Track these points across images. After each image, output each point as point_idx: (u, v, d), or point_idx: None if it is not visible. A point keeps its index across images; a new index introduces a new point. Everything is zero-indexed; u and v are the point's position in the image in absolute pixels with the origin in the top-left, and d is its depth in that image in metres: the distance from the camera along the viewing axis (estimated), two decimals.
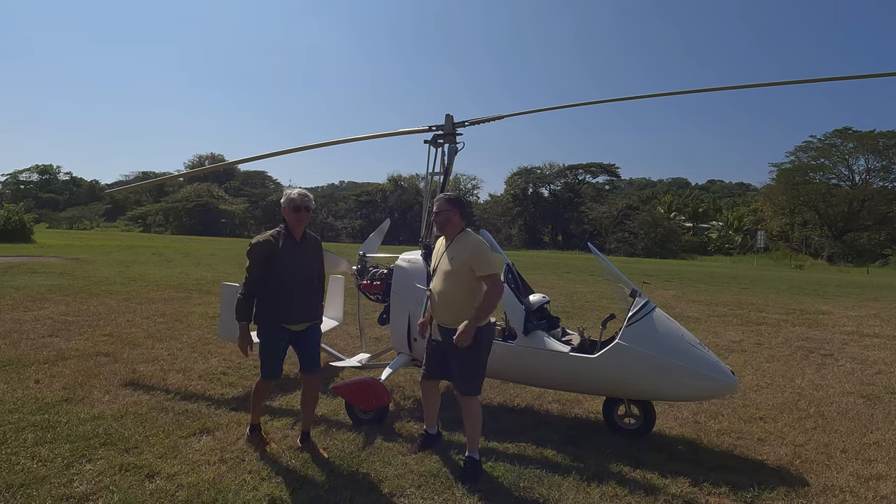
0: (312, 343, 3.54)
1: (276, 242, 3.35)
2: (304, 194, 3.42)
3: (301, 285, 3.40)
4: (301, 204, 3.39)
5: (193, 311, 8.52)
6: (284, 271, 3.33)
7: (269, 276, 3.33)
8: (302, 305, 3.43)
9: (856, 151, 48.74)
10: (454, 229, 3.39)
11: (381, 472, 3.27)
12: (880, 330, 9.51)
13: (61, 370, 5.03)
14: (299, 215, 3.39)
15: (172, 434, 3.68)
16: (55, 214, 70.72)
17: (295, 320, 3.43)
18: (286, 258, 3.34)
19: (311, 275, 3.47)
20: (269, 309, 3.37)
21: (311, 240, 3.55)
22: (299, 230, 3.44)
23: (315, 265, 3.53)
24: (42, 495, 2.81)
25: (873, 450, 3.97)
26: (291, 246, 3.39)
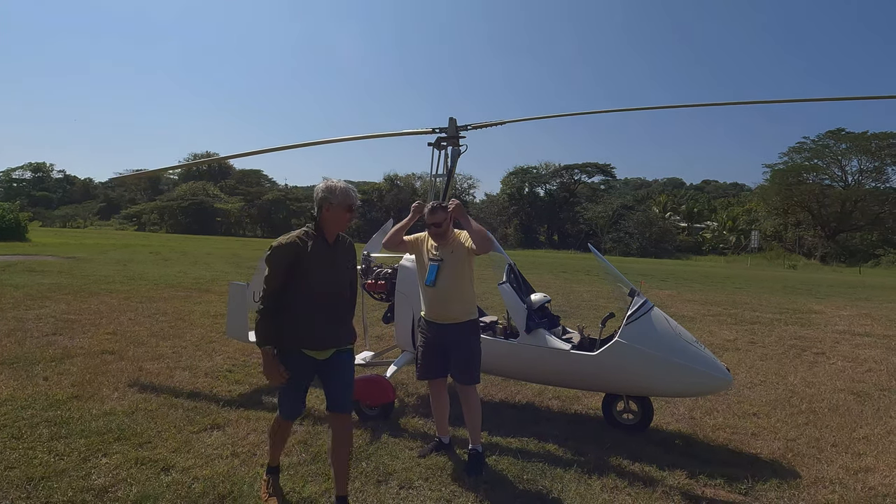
0: (343, 373, 2.85)
1: (303, 245, 2.73)
2: (353, 189, 2.86)
3: (331, 300, 2.78)
4: (354, 202, 2.82)
5: (195, 310, 8.58)
6: (312, 282, 2.71)
7: (292, 288, 2.71)
8: (330, 326, 2.77)
9: (849, 153, 49.27)
10: (449, 234, 3.53)
11: (389, 466, 3.37)
12: (871, 329, 9.70)
13: (68, 368, 5.10)
14: (349, 216, 2.84)
15: (184, 429, 3.77)
16: (48, 213, 70.24)
17: (321, 345, 2.78)
18: (315, 265, 2.72)
19: (342, 286, 2.86)
20: (290, 331, 2.73)
21: (344, 243, 2.92)
22: (335, 233, 2.87)
23: (348, 275, 2.90)
24: (63, 487, 2.89)
25: (862, 444, 4.12)
26: (322, 250, 2.77)
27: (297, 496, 2.96)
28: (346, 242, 2.95)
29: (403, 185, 63.25)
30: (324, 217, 2.80)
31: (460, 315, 3.45)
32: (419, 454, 3.55)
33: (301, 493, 3.00)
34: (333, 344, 2.81)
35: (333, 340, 2.81)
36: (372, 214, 60.62)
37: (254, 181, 73.72)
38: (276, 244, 2.75)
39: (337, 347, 2.83)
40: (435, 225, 3.46)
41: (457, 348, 3.45)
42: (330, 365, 2.83)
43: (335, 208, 2.79)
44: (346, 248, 2.94)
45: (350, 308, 2.96)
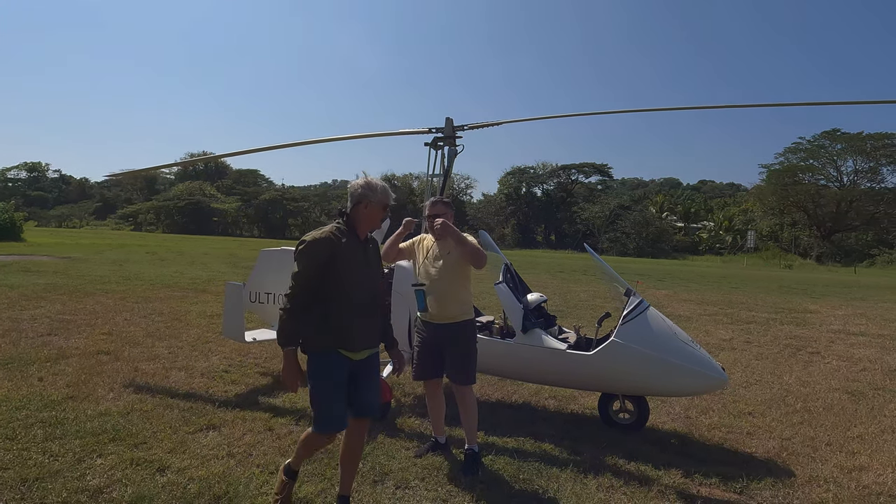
0: (376, 376, 2.82)
1: (337, 242, 2.62)
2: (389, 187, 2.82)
3: (367, 298, 2.70)
4: (390, 201, 2.79)
5: (191, 310, 8.56)
6: (349, 279, 2.62)
7: (327, 286, 2.61)
8: (366, 325, 2.71)
9: (844, 153, 49.52)
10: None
11: (386, 466, 3.37)
12: (866, 328, 9.75)
13: (63, 368, 5.08)
14: (383, 214, 2.79)
15: (179, 430, 3.76)
16: (44, 213, 69.94)
17: (359, 345, 2.68)
18: (351, 263, 2.63)
19: (376, 284, 2.80)
20: (326, 331, 2.61)
21: (373, 242, 2.87)
22: (367, 231, 2.78)
23: (379, 273, 2.87)
24: (57, 488, 2.88)
25: (856, 443, 4.14)
26: (355, 247, 2.69)
27: (293, 497, 2.95)
28: (374, 241, 2.87)
29: (401, 185, 63.21)
30: (359, 214, 2.71)
31: (457, 315, 3.46)
32: (415, 454, 3.55)
33: (297, 493, 2.99)
34: (369, 344, 2.75)
35: (370, 340, 2.75)
36: None
37: (251, 181, 73.60)
38: (309, 239, 2.61)
39: (371, 348, 2.76)
40: (435, 216, 3.45)
41: (453, 348, 3.45)
42: (363, 366, 2.73)
43: (373, 206, 2.71)
44: (375, 246, 2.86)
45: (379, 308, 2.84)
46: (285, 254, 5.42)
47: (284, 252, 5.44)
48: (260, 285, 5.42)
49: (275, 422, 4.00)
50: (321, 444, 2.79)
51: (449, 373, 3.51)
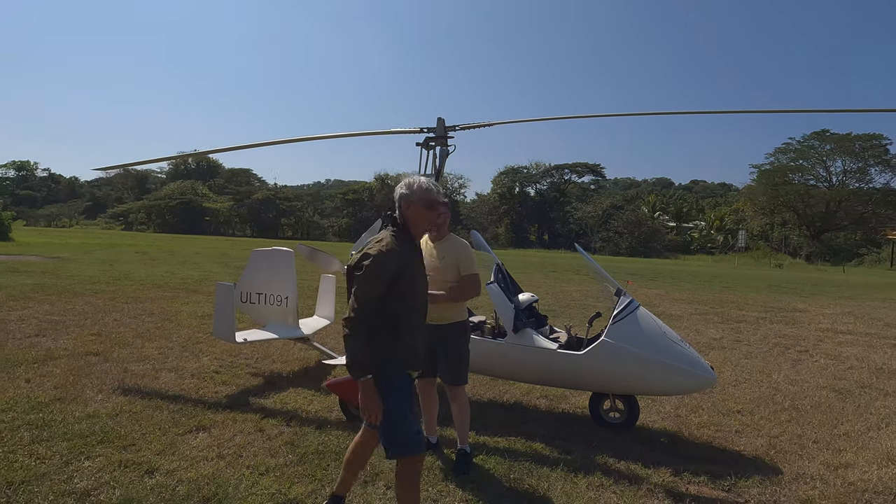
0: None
1: (402, 252, 2.43)
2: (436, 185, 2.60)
3: (424, 312, 2.58)
4: (435, 198, 2.56)
5: (182, 311, 8.50)
6: (411, 293, 2.43)
7: (394, 303, 2.39)
8: (423, 340, 2.57)
9: (833, 153, 50.12)
10: (446, 230, 3.58)
11: (377, 466, 3.36)
12: (853, 327, 9.87)
13: (51, 370, 5.03)
14: (430, 215, 2.57)
15: (169, 431, 3.73)
16: (32, 212, 69.15)
17: (420, 363, 2.58)
18: (412, 274, 2.45)
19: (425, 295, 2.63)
20: (397, 352, 2.42)
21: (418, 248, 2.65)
22: (419, 236, 2.62)
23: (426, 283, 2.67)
24: (44, 491, 2.85)
25: (843, 440, 4.19)
26: (413, 256, 2.51)
27: (283, 497, 2.95)
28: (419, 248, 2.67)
29: (394, 184, 62.94)
30: (406, 218, 2.51)
31: (450, 316, 3.46)
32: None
33: (287, 494, 2.99)
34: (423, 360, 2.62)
35: (423, 356, 2.60)
36: (362, 214, 60.42)
37: (243, 180, 73.11)
38: (375, 253, 2.36)
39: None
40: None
41: (446, 349, 3.46)
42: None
43: (415, 206, 2.49)
44: (421, 253, 2.67)
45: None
46: (277, 254, 5.39)
47: (276, 252, 5.41)
48: (251, 285, 5.39)
49: (265, 423, 3.98)
50: (418, 468, 2.53)
51: (442, 373, 3.52)
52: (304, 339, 5.41)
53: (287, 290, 5.29)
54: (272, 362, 5.75)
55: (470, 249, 3.56)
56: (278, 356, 5.96)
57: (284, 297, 5.29)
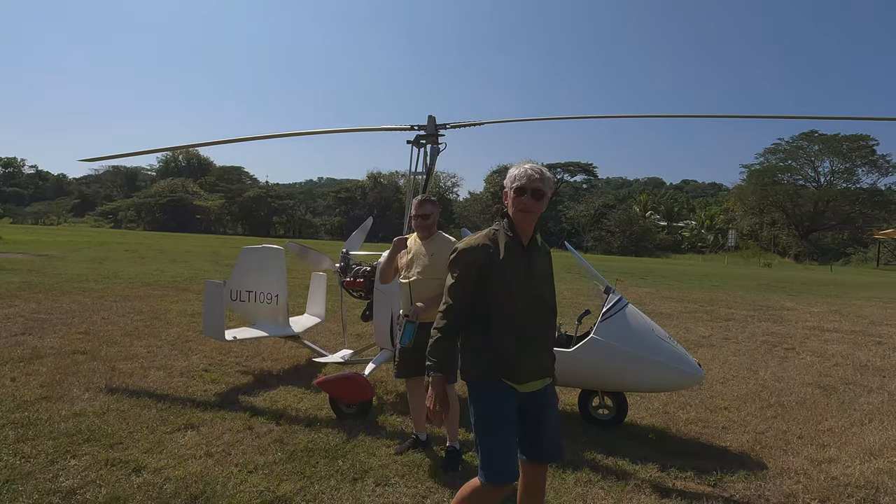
0: (554, 413, 2.33)
1: (494, 248, 2.22)
2: (538, 168, 2.24)
3: (532, 318, 2.24)
4: (530, 184, 2.19)
5: (171, 309, 8.43)
6: (510, 294, 2.19)
7: (486, 303, 2.21)
8: (533, 351, 2.22)
9: (821, 154, 50.74)
10: (434, 229, 3.56)
11: (366, 463, 3.37)
12: (839, 325, 10.01)
13: (38, 368, 4.97)
14: (521, 201, 2.21)
15: (157, 430, 3.71)
16: (19, 209, 68.22)
17: (523, 375, 2.22)
18: (513, 274, 2.20)
19: (543, 300, 2.29)
20: (487, 356, 2.21)
21: (540, 247, 2.36)
22: (529, 230, 2.28)
23: (550, 286, 2.36)
24: (28, 490, 2.82)
25: (827, 436, 4.26)
26: (517, 254, 2.23)
27: (271, 495, 2.94)
28: (543, 247, 2.36)
29: (387, 182, 63.00)
30: (509, 208, 2.25)
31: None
32: (396, 451, 3.55)
33: (276, 492, 2.98)
34: (538, 374, 2.26)
35: (538, 370, 2.25)
36: (355, 212, 60.26)
37: (234, 178, 72.56)
38: (462, 247, 2.25)
39: (542, 378, 2.28)
40: (422, 217, 3.48)
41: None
42: (535, 401, 2.24)
43: (507, 194, 2.23)
44: (543, 253, 2.35)
45: (553, 329, 2.37)
46: (266, 252, 5.37)
47: (266, 250, 5.39)
48: (241, 283, 5.37)
49: (255, 421, 3.97)
50: (493, 499, 2.25)
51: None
52: (295, 337, 5.40)
53: (277, 287, 5.28)
54: (262, 360, 5.72)
55: None
56: (268, 354, 5.94)
57: (275, 294, 5.28)
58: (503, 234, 2.25)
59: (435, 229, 3.57)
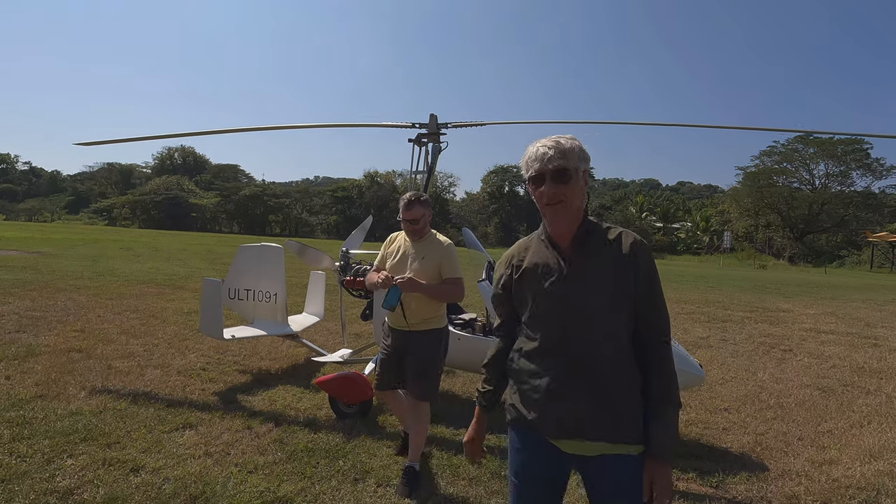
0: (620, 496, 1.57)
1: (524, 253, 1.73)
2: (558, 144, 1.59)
3: (574, 350, 1.57)
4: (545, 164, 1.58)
5: (167, 307, 8.37)
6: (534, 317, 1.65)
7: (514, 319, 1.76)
8: (568, 395, 1.56)
9: (816, 157, 51.02)
10: (427, 230, 3.26)
11: (367, 464, 3.34)
12: (835, 327, 10.05)
13: (32, 366, 4.91)
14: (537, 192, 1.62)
15: (154, 429, 3.67)
16: (13, 206, 67.73)
17: (550, 425, 1.59)
18: (538, 289, 1.64)
19: (591, 324, 1.57)
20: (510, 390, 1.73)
21: (607, 249, 1.61)
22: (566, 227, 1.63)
23: (614, 305, 1.57)
24: (25, 490, 2.78)
25: (826, 437, 4.27)
26: (550, 261, 1.64)
27: (271, 495, 2.91)
28: (608, 248, 1.60)
29: (384, 181, 62.92)
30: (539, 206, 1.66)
31: (426, 323, 3.18)
32: (396, 451, 3.52)
33: (276, 492, 2.95)
34: (574, 431, 1.56)
35: (573, 425, 1.56)
36: (352, 211, 60.19)
37: (230, 176, 72.39)
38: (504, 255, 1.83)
39: (580, 438, 1.57)
40: (411, 222, 3.13)
41: (415, 357, 3.16)
42: (592, 471, 1.59)
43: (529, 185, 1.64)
44: (607, 258, 1.59)
45: (624, 371, 1.57)
46: (264, 250, 5.33)
47: (263, 248, 5.35)
48: (238, 281, 5.33)
49: (253, 420, 3.93)
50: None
51: (408, 385, 3.22)
52: (293, 335, 5.36)
53: (276, 286, 5.24)
54: (260, 359, 5.68)
55: (454, 252, 3.17)
56: (266, 353, 5.89)
57: (273, 293, 5.24)
58: (537, 237, 1.74)
59: (427, 230, 3.25)
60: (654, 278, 1.62)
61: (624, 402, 1.56)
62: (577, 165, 1.59)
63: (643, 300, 1.60)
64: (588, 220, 1.65)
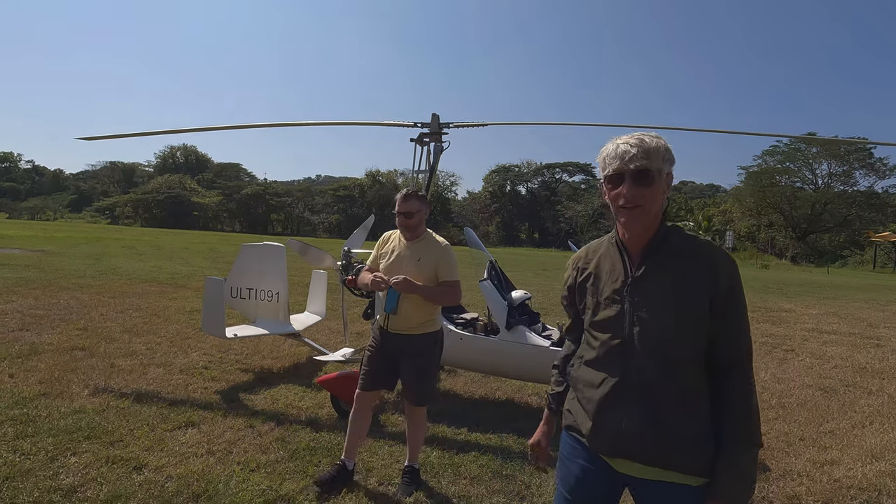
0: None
1: (585, 261, 1.66)
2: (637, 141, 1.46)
3: (635, 364, 1.45)
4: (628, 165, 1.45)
5: (170, 306, 8.40)
6: (594, 323, 1.56)
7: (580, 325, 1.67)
8: (626, 412, 1.45)
9: (819, 156, 50.89)
10: (422, 228, 3.11)
11: (368, 462, 3.35)
12: (837, 327, 10.04)
13: (36, 364, 4.93)
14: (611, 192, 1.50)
15: (157, 427, 3.68)
16: (15, 204, 68.00)
17: (607, 445, 1.50)
18: (600, 296, 1.55)
19: (659, 341, 1.43)
20: (570, 399, 1.67)
21: (685, 256, 1.47)
22: (641, 233, 1.50)
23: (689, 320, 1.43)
24: (29, 487, 2.80)
25: (828, 437, 4.26)
26: (620, 270, 1.54)
27: (274, 494, 2.92)
28: (688, 255, 1.46)
29: (385, 181, 62.97)
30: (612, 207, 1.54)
31: (420, 326, 3.03)
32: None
33: (278, 490, 2.96)
34: (625, 450, 1.46)
35: (626, 443, 1.44)
36: (353, 210, 60.27)
37: (232, 175, 72.55)
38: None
39: (637, 461, 1.45)
40: (405, 214, 2.99)
41: (411, 364, 3.02)
42: (644, 494, 1.49)
43: (604, 189, 1.53)
44: (684, 268, 1.44)
45: (686, 394, 1.43)
46: (266, 249, 5.34)
47: (265, 247, 5.36)
48: (240, 280, 5.34)
49: (256, 419, 3.94)
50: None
51: (404, 391, 3.11)
52: (295, 335, 5.37)
53: (278, 285, 5.25)
54: (262, 358, 5.70)
55: (452, 254, 3.04)
56: (268, 352, 5.91)
57: (275, 292, 5.25)
58: (608, 240, 1.62)
59: (422, 229, 3.10)
60: (737, 297, 1.46)
61: (681, 426, 1.40)
62: (660, 167, 1.45)
63: (721, 320, 1.43)
64: (665, 226, 1.51)
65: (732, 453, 1.40)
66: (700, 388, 1.44)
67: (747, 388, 1.43)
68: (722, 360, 1.45)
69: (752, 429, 1.41)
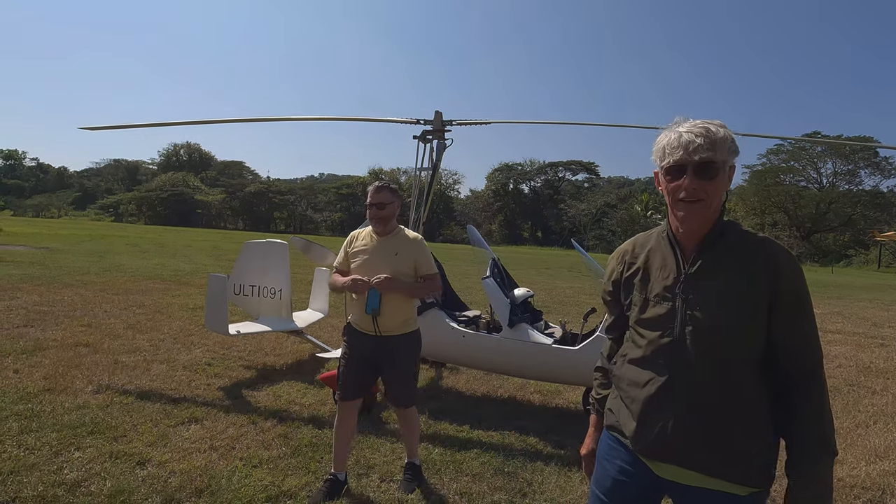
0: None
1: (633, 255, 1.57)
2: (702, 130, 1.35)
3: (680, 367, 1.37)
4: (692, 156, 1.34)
5: (173, 303, 8.43)
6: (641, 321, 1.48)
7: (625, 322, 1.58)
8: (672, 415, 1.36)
9: (824, 155, 50.66)
10: (393, 222, 3.00)
11: (371, 459, 3.36)
12: (842, 327, 10.00)
13: (40, 360, 4.96)
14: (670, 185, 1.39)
15: (160, 423, 3.70)
16: (20, 202, 68.32)
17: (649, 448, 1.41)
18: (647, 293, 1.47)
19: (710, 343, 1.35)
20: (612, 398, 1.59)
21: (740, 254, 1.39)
22: (697, 228, 1.40)
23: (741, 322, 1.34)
24: (33, 482, 2.81)
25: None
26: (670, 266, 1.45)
27: (276, 490, 2.93)
28: (743, 253, 1.38)
29: (388, 179, 63.04)
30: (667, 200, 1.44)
31: (398, 327, 2.93)
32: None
33: (281, 486, 2.97)
34: (668, 454, 1.38)
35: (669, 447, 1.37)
36: (356, 208, 60.29)
37: (235, 173, 72.71)
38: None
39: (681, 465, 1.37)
40: (377, 206, 2.89)
41: (393, 366, 2.94)
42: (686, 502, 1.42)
43: (660, 178, 1.43)
44: (740, 266, 1.36)
45: (739, 400, 1.34)
46: (269, 246, 5.35)
47: (269, 244, 5.37)
48: (243, 278, 5.35)
49: (258, 415, 3.95)
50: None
51: (392, 396, 3.05)
52: (298, 331, 5.38)
53: (281, 282, 5.26)
54: (265, 355, 5.71)
55: (426, 246, 3.02)
56: (271, 349, 5.93)
57: (278, 289, 5.26)
58: (658, 233, 1.53)
59: (395, 223, 3.01)
60: (802, 298, 1.36)
61: (731, 432, 1.32)
62: (725, 159, 1.35)
63: (784, 322, 1.33)
64: (723, 221, 1.41)
65: (809, 465, 1.33)
66: (753, 393, 1.35)
67: (821, 396, 1.35)
68: (790, 369, 1.36)
69: (829, 437, 1.35)
